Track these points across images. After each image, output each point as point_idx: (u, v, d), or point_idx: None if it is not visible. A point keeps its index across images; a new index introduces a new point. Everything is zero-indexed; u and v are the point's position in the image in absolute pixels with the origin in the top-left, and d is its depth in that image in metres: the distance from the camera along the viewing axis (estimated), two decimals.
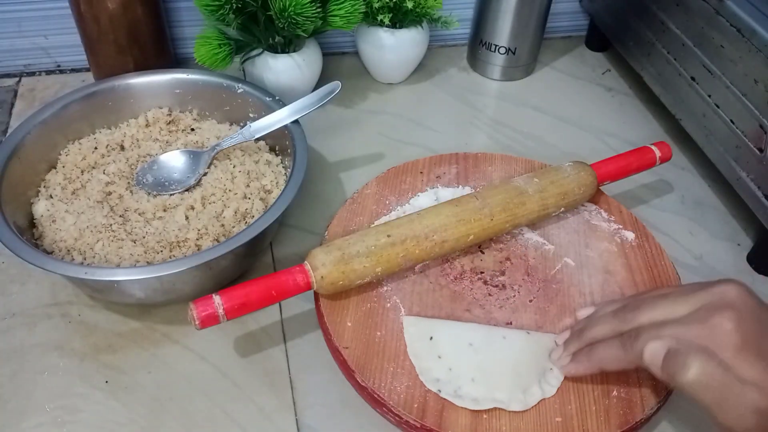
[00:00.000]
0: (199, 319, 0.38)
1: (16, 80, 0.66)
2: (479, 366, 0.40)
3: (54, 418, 0.39)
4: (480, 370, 0.39)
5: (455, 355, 0.40)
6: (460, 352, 0.40)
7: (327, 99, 0.51)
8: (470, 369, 0.39)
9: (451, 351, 0.40)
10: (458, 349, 0.40)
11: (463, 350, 0.40)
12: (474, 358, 0.40)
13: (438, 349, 0.40)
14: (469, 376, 0.39)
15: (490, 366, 0.40)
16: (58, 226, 0.46)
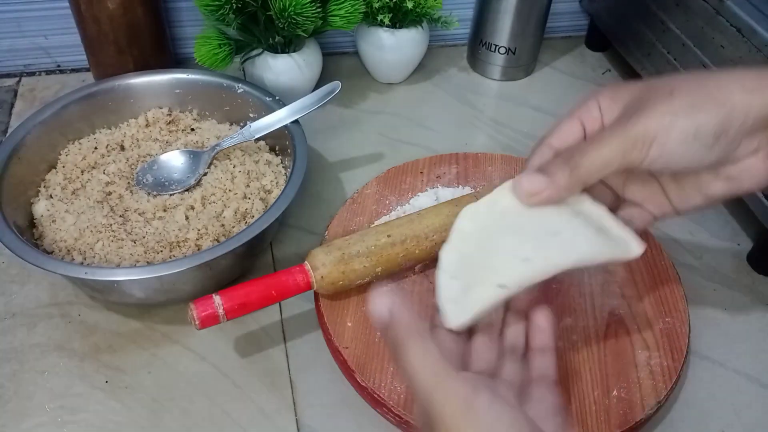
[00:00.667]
0: (199, 319, 0.38)
1: (16, 80, 0.66)
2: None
3: (54, 418, 0.39)
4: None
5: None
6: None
7: (327, 99, 0.51)
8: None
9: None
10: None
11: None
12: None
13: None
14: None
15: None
16: (58, 226, 0.46)
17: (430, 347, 0.28)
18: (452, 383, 0.27)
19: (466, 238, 0.33)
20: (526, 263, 0.31)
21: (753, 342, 0.46)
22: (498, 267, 0.32)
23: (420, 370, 0.27)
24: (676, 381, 0.40)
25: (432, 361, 0.27)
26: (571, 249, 0.32)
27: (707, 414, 0.42)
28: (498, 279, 0.32)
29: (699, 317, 0.46)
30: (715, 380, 0.43)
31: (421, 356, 0.27)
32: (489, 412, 0.26)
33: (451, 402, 0.26)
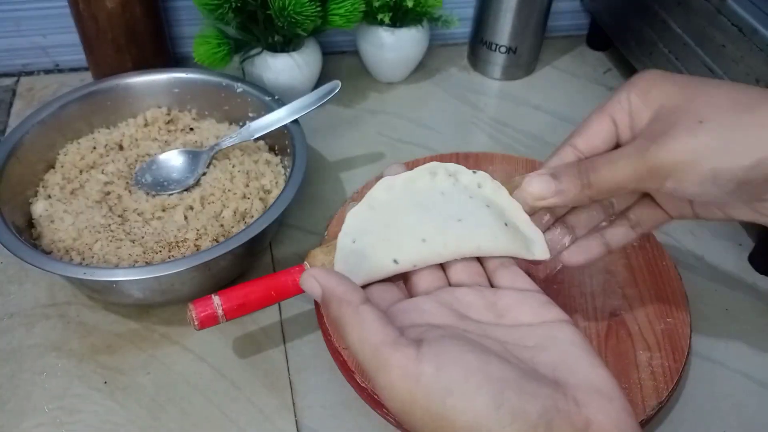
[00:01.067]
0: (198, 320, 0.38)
1: (15, 80, 0.65)
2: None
3: (53, 419, 0.39)
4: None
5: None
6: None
7: (327, 98, 0.51)
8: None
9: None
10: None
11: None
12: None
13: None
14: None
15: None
16: (57, 226, 0.45)
17: (367, 318, 0.25)
18: (391, 356, 0.24)
19: (375, 207, 0.33)
20: (423, 244, 0.32)
21: (755, 342, 0.46)
22: (396, 241, 0.32)
23: (359, 348, 0.25)
24: (677, 382, 0.40)
25: (370, 335, 0.25)
26: (471, 238, 0.32)
27: (709, 415, 0.41)
28: (393, 254, 0.32)
29: (700, 318, 0.46)
30: (716, 381, 0.43)
31: (359, 332, 0.25)
32: (438, 373, 0.23)
33: (395, 380, 0.24)
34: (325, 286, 0.27)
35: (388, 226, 0.33)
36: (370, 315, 0.26)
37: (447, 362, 0.24)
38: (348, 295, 0.26)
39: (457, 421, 0.23)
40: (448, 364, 0.24)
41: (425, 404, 0.23)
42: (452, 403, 0.23)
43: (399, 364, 0.24)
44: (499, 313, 0.29)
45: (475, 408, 0.23)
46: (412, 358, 0.24)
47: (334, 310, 0.26)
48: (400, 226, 0.32)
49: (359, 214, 0.33)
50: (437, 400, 0.23)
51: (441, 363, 0.24)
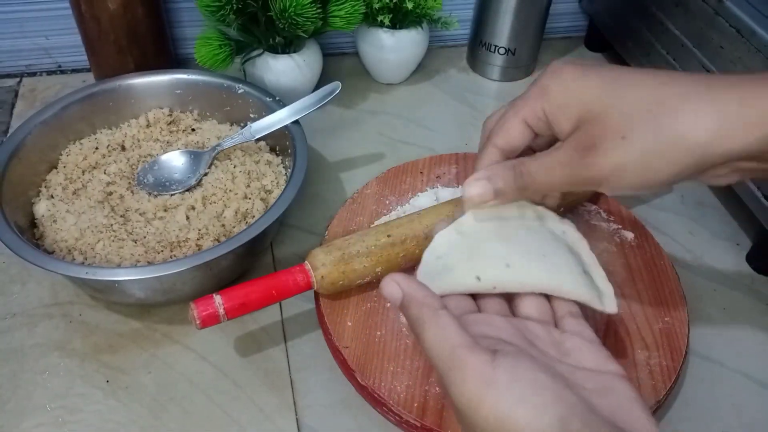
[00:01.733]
0: (199, 319, 0.38)
1: (17, 80, 0.66)
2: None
3: (55, 418, 0.39)
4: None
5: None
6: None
7: (327, 99, 0.51)
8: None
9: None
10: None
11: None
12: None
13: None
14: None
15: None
16: (59, 226, 0.46)
17: (446, 322, 0.27)
18: (468, 358, 0.26)
19: (462, 232, 0.35)
20: (507, 269, 0.33)
21: (752, 342, 0.46)
22: (481, 263, 0.33)
23: (436, 347, 0.27)
24: (675, 381, 0.40)
25: (448, 336, 0.26)
26: (554, 274, 0.33)
27: (707, 414, 0.42)
28: (477, 272, 0.33)
29: (698, 317, 0.46)
30: (714, 380, 0.43)
31: (436, 333, 0.27)
32: (511, 382, 0.25)
33: (468, 379, 0.25)
34: (405, 290, 0.29)
35: (474, 249, 0.34)
36: (449, 319, 0.27)
37: (521, 375, 0.25)
38: (428, 299, 0.28)
39: (519, 429, 0.24)
40: (522, 376, 0.25)
41: (493, 408, 0.24)
42: (521, 413, 0.24)
43: (474, 366, 0.25)
44: (563, 352, 0.30)
45: (541, 423, 0.24)
46: (488, 363, 0.25)
47: (414, 311, 0.28)
48: (486, 251, 0.34)
49: (446, 236, 0.35)
50: (506, 408, 0.24)
51: (516, 374, 0.25)
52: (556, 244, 0.35)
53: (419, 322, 0.28)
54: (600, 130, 0.29)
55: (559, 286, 0.33)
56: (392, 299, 0.29)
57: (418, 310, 0.28)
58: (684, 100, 0.28)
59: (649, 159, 0.28)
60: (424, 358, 0.40)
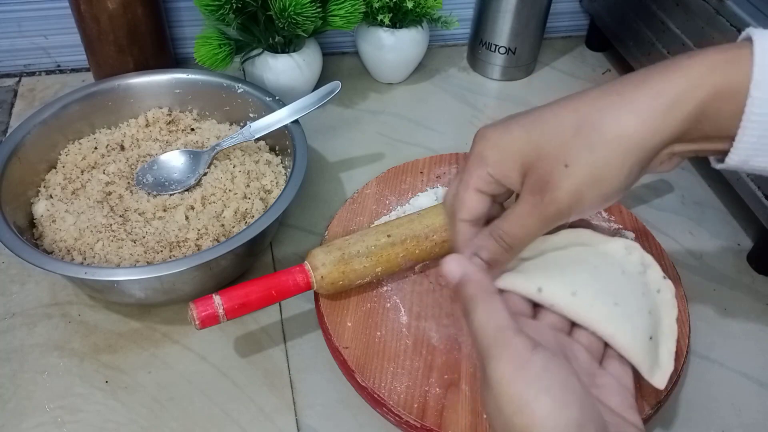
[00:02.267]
0: (199, 319, 0.38)
1: (16, 80, 0.66)
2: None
3: (54, 418, 0.39)
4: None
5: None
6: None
7: (327, 99, 0.51)
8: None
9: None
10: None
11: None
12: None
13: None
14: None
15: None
16: (58, 226, 0.46)
17: (498, 306, 0.28)
18: (511, 339, 0.27)
19: (562, 248, 0.35)
20: (572, 297, 0.33)
21: (753, 342, 0.46)
22: (552, 278, 0.33)
23: (484, 325, 0.28)
24: (675, 381, 0.40)
25: (497, 317, 0.28)
26: (613, 323, 0.33)
27: (707, 414, 0.41)
28: (542, 284, 0.33)
29: (699, 317, 0.46)
30: (715, 380, 0.43)
31: (487, 313, 0.28)
32: (543, 372, 0.26)
33: (506, 357, 0.27)
34: (465, 270, 0.30)
35: (554, 263, 0.34)
36: (501, 304, 0.29)
37: (554, 369, 0.26)
38: (485, 282, 0.30)
39: (537, 417, 0.25)
40: (554, 371, 0.26)
41: (520, 390, 0.26)
42: (543, 403, 0.25)
43: (516, 347, 0.27)
44: (593, 383, 0.31)
45: (561, 418, 0.25)
46: (528, 348, 0.27)
47: (469, 290, 0.29)
48: (563, 270, 0.34)
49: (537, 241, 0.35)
50: (532, 393, 0.25)
51: (549, 366, 0.26)
52: (640, 298, 0.34)
53: (473, 301, 0.29)
54: (544, 168, 0.30)
55: (612, 336, 0.33)
56: (451, 276, 0.30)
57: (473, 290, 0.29)
58: (603, 112, 0.30)
59: (597, 173, 0.29)
60: (425, 359, 0.40)
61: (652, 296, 0.35)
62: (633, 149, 0.29)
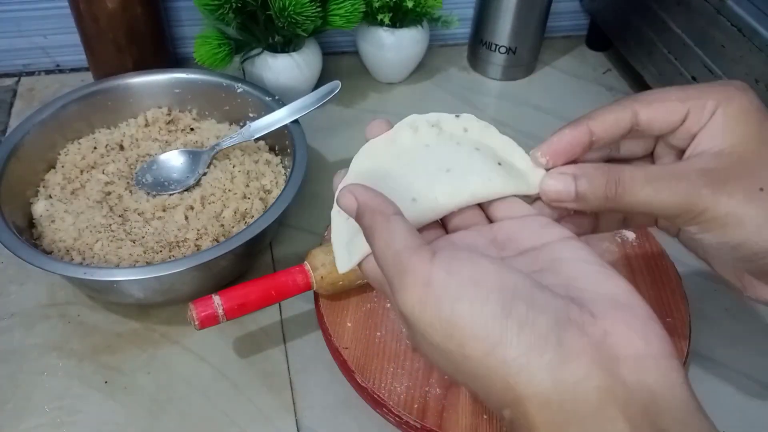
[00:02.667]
0: (198, 320, 0.38)
1: (15, 80, 0.65)
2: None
3: (53, 419, 0.39)
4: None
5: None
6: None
7: (327, 98, 0.51)
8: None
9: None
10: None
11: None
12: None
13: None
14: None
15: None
16: (57, 226, 0.45)
17: (395, 226, 0.25)
18: (409, 260, 0.23)
19: (361, 174, 0.32)
20: (413, 204, 0.29)
21: (755, 342, 0.46)
22: (409, 180, 0.30)
23: (383, 255, 0.24)
24: None
25: (393, 242, 0.24)
26: (462, 187, 0.30)
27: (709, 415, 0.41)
28: (410, 193, 0.29)
29: (700, 317, 0.46)
30: (716, 381, 0.43)
31: (385, 238, 0.25)
32: (449, 279, 0.23)
33: (407, 284, 0.23)
34: (360, 199, 0.26)
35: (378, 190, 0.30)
36: (401, 224, 0.25)
37: (459, 268, 0.23)
38: (382, 206, 0.26)
39: (466, 329, 0.22)
40: (459, 269, 0.23)
41: (435, 311, 0.23)
42: (461, 309, 0.22)
43: (413, 267, 0.23)
44: (500, 245, 0.27)
45: (483, 316, 0.22)
46: (426, 261, 0.23)
47: (368, 220, 0.26)
48: (388, 191, 0.29)
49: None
50: (446, 307, 0.22)
51: (452, 268, 0.23)
52: (459, 149, 0.31)
53: (371, 231, 0.25)
54: (739, 171, 0.26)
55: (471, 195, 0.29)
56: (348, 211, 0.27)
57: (371, 218, 0.25)
58: None
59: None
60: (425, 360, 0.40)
61: (466, 138, 0.32)
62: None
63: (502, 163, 0.31)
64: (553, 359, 0.21)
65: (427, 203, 0.30)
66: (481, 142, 0.32)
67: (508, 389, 0.22)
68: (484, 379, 0.23)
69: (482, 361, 0.22)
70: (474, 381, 0.23)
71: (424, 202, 0.30)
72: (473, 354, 0.22)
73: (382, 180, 0.30)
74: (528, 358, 0.21)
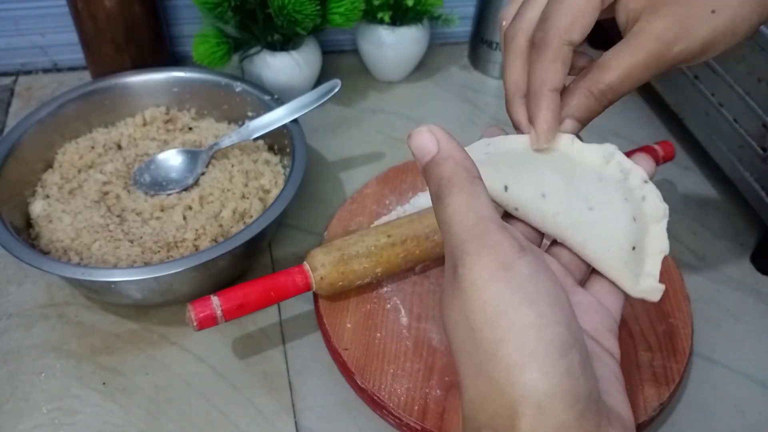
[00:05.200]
0: (196, 320, 0.37)
1: (13, 79, 0.65)
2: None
3: (51, 420, 0.39)
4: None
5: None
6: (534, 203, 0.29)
7: (326, 97, 0.51)
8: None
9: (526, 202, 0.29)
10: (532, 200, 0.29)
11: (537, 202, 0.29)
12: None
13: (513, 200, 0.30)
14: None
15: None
16: (55, 226, 0.45)
17: (482, 193, 0.23)
18: (496, 234, 0.22)
19: (522, 142, 0.30)
20: (541, 198, 0.27)
21: (757, 343, 0.45)
22: (518, 177, 0.28)
23: (461, 216, 0.23)
24: (678, 383, 0.40)
25: (478, 207, 0.23)
26: (586, 229, 0.27)
27: (711, 416, 0.41)
28: (508, 182, 0.28)
29: (702, 318, 0.46)
30: (718, 382, 0.43)
31: (467, 200, 0.23)
32: (530, 280, 0.21)
33: (486, 255, 0.22)
34: (443, 145, 0.24)
35: (522, 162, 0.28)
36: (484, 192, 0.24)
37: (543, 278, 0.22)
38: (467, 162, 0.24)
39: (516, 331, 0.21)
40: (543, 280, 0.22)
41: (499, 296, 0.21)
42: (527, 313, 0.21)
43: (499, 243, 0.22)
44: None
45: (545, 334, 0.21)
46: (515, 248, 0.22)
47: (447, 170, 0.24)
48: (533, 169, 0.28)
49: (505, 139, 0.29)
50: (511, 302, 0.21)
51: (538, 274, 0.22)
52: (620, 205, 0.28)
53: (449, 183, 0.23)
54: (685, 11, 0.27)
55: (582, 243, 0.27)
56: (423, 150, 0.25)
57: (452, 170, 0.24)
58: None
59: (736, 22, 0.27)
60: (425, 360, 0.40)
61: (635, 203, 0.29)
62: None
63: (636, 249, 0.28)
64: (574, 416, 0.21)
65: (547, 209, 0.27)
66: (642, 217, 0.28)
67: (505, 406, 0.21)
68: (488, 381, 0.21)
69: (507, 372, 0.21)
70: (476, 377, 0.22)
71: (546, 206, 0.27)
72: (503, 360, 0.21)
73: (542, 164, 0.28)
74: (553, 400, 0.21)
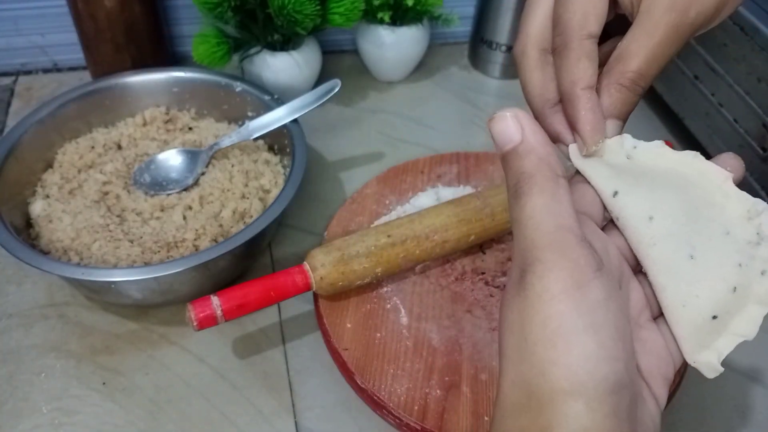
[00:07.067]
0: (196, 320, 0.37)
1: (13, 79, 0.65)
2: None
3: (51, 420, 0.39)
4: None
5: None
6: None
7: (326, 97, 0.51)
8: None
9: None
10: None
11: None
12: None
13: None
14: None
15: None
16: (55, 226, 0.45)
17: (564, 197, 0.22)
18: (574, 247, 0.21)
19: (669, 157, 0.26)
20: (648, 221, 0.25)
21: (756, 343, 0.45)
22: (631, 188, 0.25)
23: (539, 220, 0.21)
24: (679, 383, 0.40)
25: (560, 213, 0.21)
26: (668, 280, 0.25)
27: (710, 416, 0.41)
28: (618, 187, 0.25)
29: None
30: (719, 382, 0.43)
31: (549, 203, 0.22)
32: (599, 307, 0.20)
33: (560, 269, 0.21)
34: (529, 135, 0.23)
35: (644, 176, 0.26)
36: (567, 195, 0.22)
37: (614, 307, 0.21)
38: (552, 158, 0.22)
39: (573, 357, 0.20)
40: (614, 309, 0.21)
41: (564, 316, 0.20)
42: (588, 342, 0.20)
43: (577, 260, 0.21)
44: (635, 335, 0.26)
45: (600, 370, 0.20)
46: (591, 266, 0.21)
47: (530, 165, 0.22)
48: (654, 188, 0.25)
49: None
50: (579, 327, 0.20)
51: (609, 301, 0.21)
52: (730, 267, 0.25)
53: (530, 181, 0.22)
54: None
55: (663, 289, 0.25)
56: (504, 137, 0.23)
57: (534, 166, 0.22)
58: None
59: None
60: (425, 360, 0.40)
61: (749, 273, 0.25)
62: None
63: (718, 319, 0.26)
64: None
65: (649, 237, 0.25)
66: (748, 287, 0.26)
67: (539, 426, 0.20)
68: (527, 396, 0.21)
69: (551, 395, 0.20)
70: (514, 387, 0.21)
71: (653, 232, 0.25)
72: (550, 383, 0.20)
73: (667, 188, 0.26)
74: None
